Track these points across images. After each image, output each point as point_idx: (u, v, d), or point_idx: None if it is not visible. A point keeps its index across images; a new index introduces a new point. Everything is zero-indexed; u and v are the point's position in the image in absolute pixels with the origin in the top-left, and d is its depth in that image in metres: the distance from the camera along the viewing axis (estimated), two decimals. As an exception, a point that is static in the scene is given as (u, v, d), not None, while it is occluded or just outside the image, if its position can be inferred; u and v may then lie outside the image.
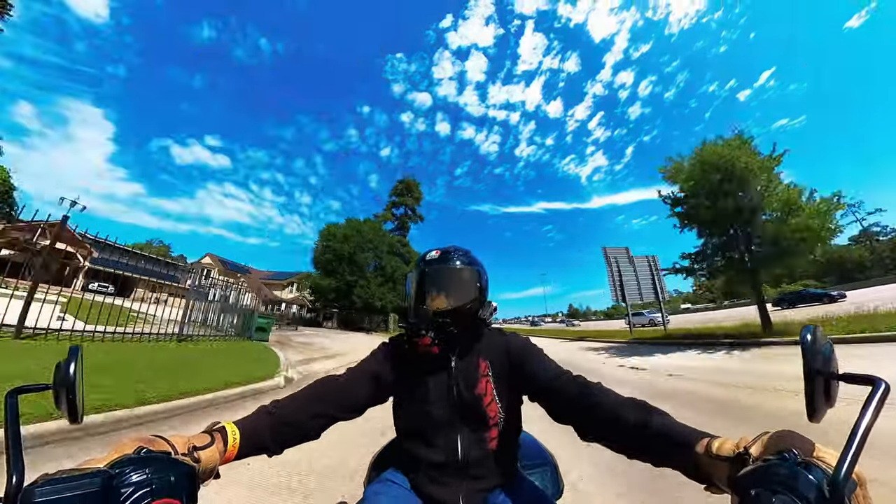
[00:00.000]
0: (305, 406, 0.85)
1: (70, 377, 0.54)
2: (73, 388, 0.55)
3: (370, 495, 0.90)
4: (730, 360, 7.74)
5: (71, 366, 0.55)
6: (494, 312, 1.07)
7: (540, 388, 0.89)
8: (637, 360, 9.16)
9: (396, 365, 1.01)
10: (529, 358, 0.95)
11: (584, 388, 0.79)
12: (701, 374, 6.44)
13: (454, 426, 0.92)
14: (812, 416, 0.46)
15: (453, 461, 0.90)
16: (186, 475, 0.52)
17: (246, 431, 0.73)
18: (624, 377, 7.03)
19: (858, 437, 0.39)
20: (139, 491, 0.45)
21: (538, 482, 1.00)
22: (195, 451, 0.61)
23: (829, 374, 0.46)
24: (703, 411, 4.12)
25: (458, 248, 1.07)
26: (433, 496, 0.89)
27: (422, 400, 0.95)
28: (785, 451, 0.44)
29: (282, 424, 0.80)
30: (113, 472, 0.46)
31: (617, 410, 0.70)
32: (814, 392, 0.45)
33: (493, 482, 0.92)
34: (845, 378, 0.45)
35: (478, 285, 1.03)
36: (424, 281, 1.02)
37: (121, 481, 0.45)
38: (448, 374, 0.96)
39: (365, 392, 0.94)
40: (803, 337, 0.47)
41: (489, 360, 0.99)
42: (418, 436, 0.95)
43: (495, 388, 0.95)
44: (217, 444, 0.66)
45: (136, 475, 0.46)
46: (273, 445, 0.78)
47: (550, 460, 1.14)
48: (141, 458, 0.50)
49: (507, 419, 0.95)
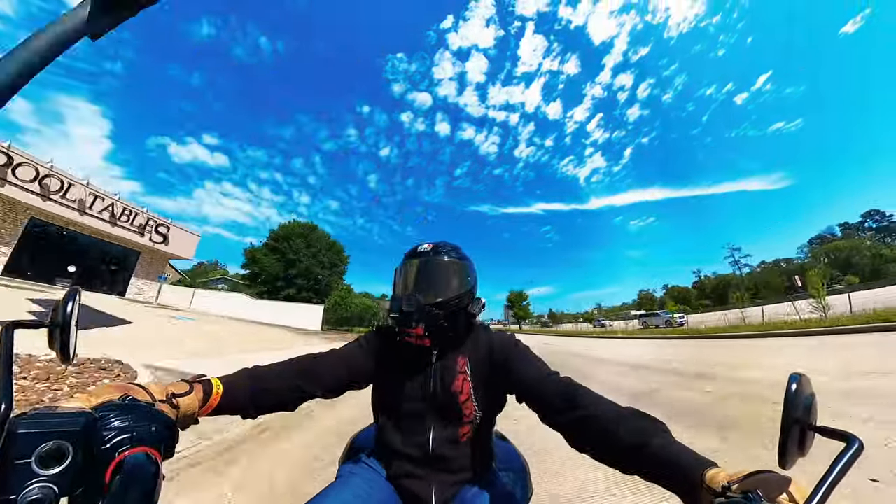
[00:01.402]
0: (286, 377, 0.86)
1: (66, 317, 0.54)
2: (67, 328, 0.55)
3: (344, 473, 0.92)
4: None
5: (68, 306, 0.55)
6: (483, 309, 1.07)
7: (525, 389, 0.87)
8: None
9: (379, 354, 1.02)
10: (513, 357, 0.94)
11: (572, 393, 0.77)
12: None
13: (427, 420, 0.93)
14: (783, 464, 0.46)
15: (424, 454, 0.91)
16: (166, 426, 0.53)
17: (227, 388, 0.75)
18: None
19: (823, 490, 0.40)
20: (120, 436, 0.46)
21: (509, 484, 1.01)
22: (174, 397, 0.63)
23: (806, 424, 0.46)
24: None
25: (447, 243, 1.07)
26: (406, 487, 0.91)
27: (398, 392, 0.97)
28: (750, 492, 0.44)
29: (262, 390, 0.82)
30: (96, 415, 0.47)
31: (612, 425, 0.67)
32: (787, 441, 0.45)
33: (465, 477, 0.93)
34: (821, 431, 0.45)
35: (467, 279, 1.02)
36: (415, 272, 1.01)
37: (103, 424, 0.46)
38: (427, 368, 0.97)
39: (344, 375, 0.95)
40: (788, 385, 0.47)
41: (469, 358, 0.98)
42: (392, 426, 0.97)
43: (473, 386, 0.95)
44: (196, 394, 0.68)
45: (119, 421, 0.47)
46: (251, 408, 0.80)
47: (522, 465, 1.15)
48: (125, 405, 0.51)
49: (482, 418, 0.95)
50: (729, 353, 8.70)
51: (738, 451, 2.69)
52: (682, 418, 3.62)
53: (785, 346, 8.64)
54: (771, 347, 8.87)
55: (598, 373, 7.53)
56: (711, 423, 3.39)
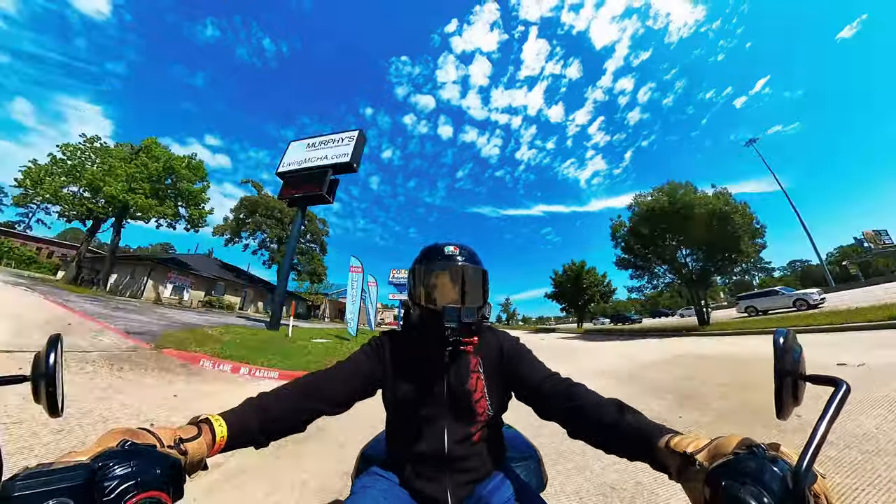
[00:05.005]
0: (293, 400, 0.85)
1: (49, 368, 0.52)
2: (52, 381, 0.52)
3: (359, 489, 0.91)
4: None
5: (50, 356, 0.52)
6: (490, 310, 1.10)
7: (529, 389, 0.91)
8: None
9: (388, 360, 1.02)
10: (520, 359, 0.98)
11: (570, 391, 0.82)
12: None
13: (441, 421, 0.94)
14: (780, 413, 0.49)
15: (439, 455, 0.91)
16: (172, 468, 0.51)
17: (233, 424, 0.73)
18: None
19: (819, 435, 0.41)
20: (124, 484, 0.44)
21: (522, 475, 1.02)
22: (182, 443, 0.60)
23: (797, 374, 0.48)
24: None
25: (467, 247, 1.07)
26: (421, 490, 0.91)
27: (412, 394, 0.97)
28: (754, 447, 0.47)
29: (270, 419, 0.80)
30: (96, 465, 0.45)
31: (596, 411, 0.74)
32: (782, 391, 0.48)
33: (480, 475, 0.94)
34: (811, 379, 0.48)
35: (488, 286, 1.06)
36: (459, 280, 1.01)
37: (104, 475, 0.44)
38: (441, 369, 0.98)
39: (353, 387, 0.95)
40: (776, 339, 0.49)
41: (481, 358, 1.01)
42: (407, 430, 0.97)
43: (486, 386, 0.97)
44: (204, 436, 0.65)
45: (120, 468, 0.45)
46: (261, 438, 0.79)
47: (535, 454, 1.16)
48: (125, 452, 0.48)
49: (494, 416, 0.97)
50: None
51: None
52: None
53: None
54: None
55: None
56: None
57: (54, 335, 0.55)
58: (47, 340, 0.55)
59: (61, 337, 0.56)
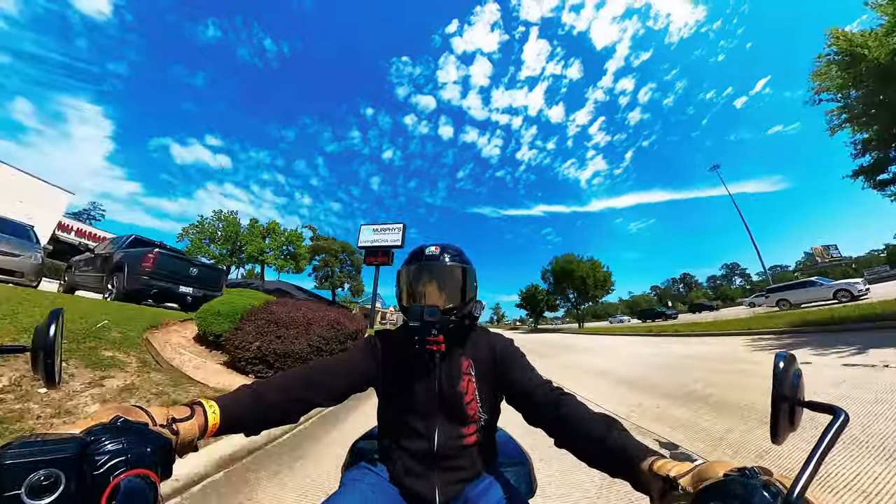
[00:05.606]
0: (288, 391, 0.85)
1: (49, 340, 0.54)
2: (51, 352, 0.54)
3: (348, 481, 0.93)
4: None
5: (51, 328, 0.54)
6: (482, 310, 1.09)
7: (520, 393, 0.91)
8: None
9: (382, 358, 1.02)
10: (512, 362, 0.98)
11: (561, 400, 0.82)
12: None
13: (432, 421, 0.95)
14: (774, 438, 0.48)
15: (429, 454, 0.92)
16: (162, 447, 0.51)
17: (227, 410, 0.72)
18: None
19: (814, 462, 0.39)
20: (114, 459, 0.44)
21: (512, 479, 1.02)
22: (174, 422, 0.60)
23: (794, 400, 0.47)
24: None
25: (451, 245, 1.07)
26: (409, 487, 0.92)
27: (403, 394, 0.98)
28: (746, 470, 0.45)
29: (263, 407, 0.80)
30: (88, 439, 0.45)
31: (585, 424, 0.74)
32: (778, 416, 0.47)
33: (469, 476, 0.94)
34: (809, 405, 0.46)
35: (473, 284, 1.05)
36: (429, 278, 1.02)
37: (95, 449, 0.44)
38: (433, 370, 0.98)
39: (346, 382, 0.95)
40: (776, 363, 0.48)
41: (472, 359, 1.00)
42: (397, 428, 0.99)
43: (477, 387, 0.97)
44: (197, 418, 0.65)
45: (112, 444, 0.45)
46: (253, 426, 0.79)
47: (526, 460, 1.15)
48: (117, 428, 0.49)
49: (486, 418, 0.97)
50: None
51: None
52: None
53: None
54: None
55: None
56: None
57: (56, 309, 0.56)
58: (49, 313, 0.55)
59: (62, 311, 0.57)
